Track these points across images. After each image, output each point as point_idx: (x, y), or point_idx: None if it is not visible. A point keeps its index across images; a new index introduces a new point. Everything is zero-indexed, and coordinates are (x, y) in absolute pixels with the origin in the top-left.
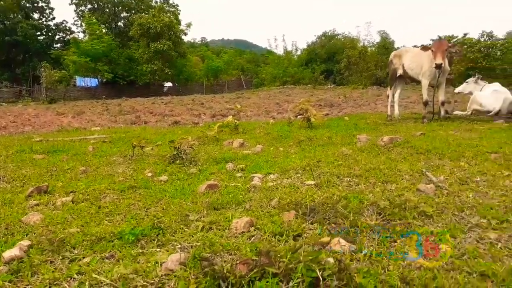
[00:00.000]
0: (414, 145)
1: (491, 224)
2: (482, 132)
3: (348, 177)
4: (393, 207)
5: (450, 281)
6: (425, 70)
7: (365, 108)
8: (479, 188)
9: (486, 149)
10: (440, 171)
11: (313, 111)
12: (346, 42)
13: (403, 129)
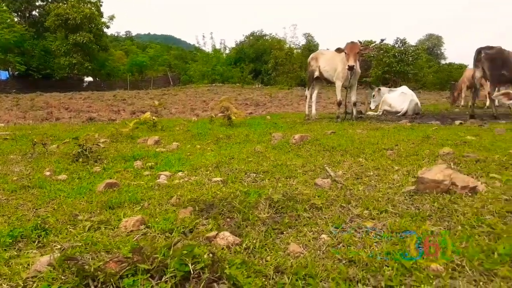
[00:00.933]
0: (322, 143)
1: (372, 215)
2: (386, 131)
3: (255, 173)
4: (286, 200)
5: (319, 268)
6: (338, 72)
7: (288, 107)
8: (371, 182)
9: (384, 146)
10: (340, 166)
11: (233, 110)
12: (273, 43)
13: (317, 128)
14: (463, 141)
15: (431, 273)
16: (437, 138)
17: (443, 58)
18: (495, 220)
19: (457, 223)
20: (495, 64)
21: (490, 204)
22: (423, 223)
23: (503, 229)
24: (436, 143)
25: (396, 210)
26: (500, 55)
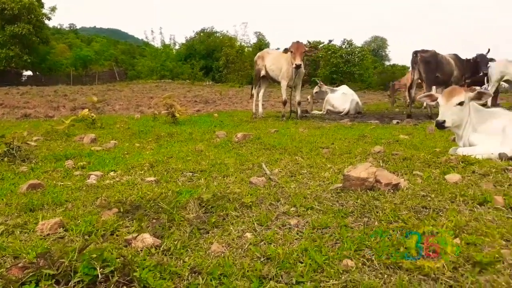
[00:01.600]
0: (263, 141)
1: (298, 212)
2: (327, 130)
3: (192, 172)
4: (217, 200)
5: (236, 267)
6: (283, 72)
7: (238, 105)
8: (303, 180)
9: (321, 144)
10: (277, 164)
11: (178, 107)
12: (225, 40)
13: (262, 126)
14: (396, 140)
15: (341, 268)
16: (372, 136)
17: (388, 59)
18: (409, 215)
19: (375, 219)
20: (430, 67)
21: (408, 200)
22: (343, 220)
23: (414, 223)
24: (370, 142)
25: (322, 207)
26: (434, 58)
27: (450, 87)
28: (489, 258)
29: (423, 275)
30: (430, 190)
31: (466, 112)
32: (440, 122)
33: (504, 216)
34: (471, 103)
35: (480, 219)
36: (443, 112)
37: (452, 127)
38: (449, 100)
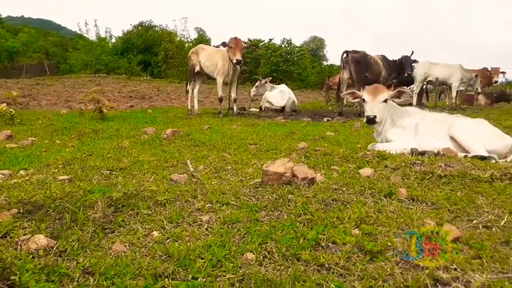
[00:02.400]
0: (193, 138)
1: (213, 208)
2: (260, 127)
3: (110, 170)
4: (128, 198)
5: (133, 266)
6: (219, 68)
7: (175, 102)
8: (226, 176)
9: (251, 141)
10: (203, 161)
11: (106, 102)
12: (164, 35)
13: (196, 123)
14: (322, 137)
15: (242, 262)
16: (301, 133)
17: (325, 59)
18: (317, 207)
19: (286, 212)
20: (360, 67)
21: (321, 193)
22: (255, 214)
23: (320, 216)
24: (297, 138)
25: (238, 202)
26: (364, 58)
27: (373, 85)
28: (379, 246)
29: (318, 265)
30: (343, 183)
31: (386, 110)
32: (371, 117)
33: (405, 207)
34: (390, 101)
35: (383, 210)
36: (371, 108)
37: (379, 122)
38: (375, 97)
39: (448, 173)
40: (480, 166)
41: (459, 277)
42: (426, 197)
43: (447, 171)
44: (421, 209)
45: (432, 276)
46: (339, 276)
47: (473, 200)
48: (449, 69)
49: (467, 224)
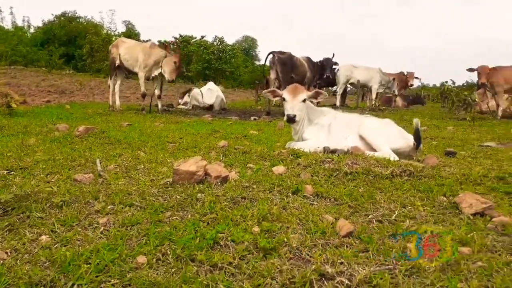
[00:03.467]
0: (109, 135)
1: (114, 209)
2: (185, 125)
3: (8, 170)
4: (20, 200)
5: (8, 275)
6: (140, 63)
7: (98, 97)
8: (138, 176)
9: (170, 139)
10: (115, 160)
11: (15, 96)
12: (89, 26)
13: (115, 120)
14: (245, 135)
15: (131, 265)
16: (224, 132)
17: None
18: (224, 206)
19: (193, 212)
20: (286, 68)
21: (231, 191)
22: (159, 215)
23: (225, 214)
24: (220, 137)
25: (143, 203)
26: (290, 59)
27: (292, 85)
28: (274, 243)
29: (212, 266)
30: (255, 181)
31: (305, 109)
32: (292, 116)
33: (309, 203)
34: (307, 102)
35: (287, 207)
36: (292, 107)
37: (297, 121)
38: (295, 97)
39: (354, 170)
40: (383, 163)
41: (344, 271)
42: (330, 194)
43: (353, 169)
44: (324, 205)
45: (319, 271)
46: (230, 276)
47: (373, 195)
48: (370, 72)
49: (364, 219)
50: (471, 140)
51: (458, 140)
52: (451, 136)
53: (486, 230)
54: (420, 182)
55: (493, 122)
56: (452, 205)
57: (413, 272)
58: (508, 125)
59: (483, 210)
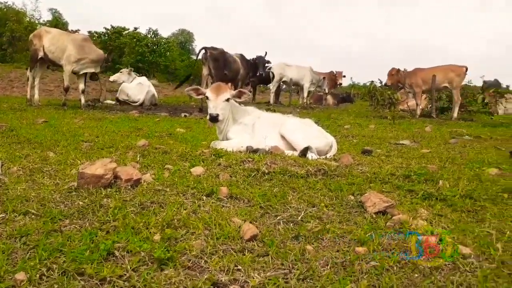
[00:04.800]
0: (18, 134)
1: (6, 218)
2: (108, 122)
3: None
4: None
5: None
6: (69, 55)
7: (17, 90)
8: (41, 179)
9: (86, 138)
10: (20, 161)
11: None
12: (10, 13)
13: (31, 116)
14: (170, 133)
15: (10, 283)
16: (149, 130)
17: (194, 53)
18: (129, 212)
19: (93, 220)
20: (219, 64)
21: (141, 195)
22: (54, 224)
23: (127, 222)
24: (143, 135)
25: (41, 210)
26: (223, 56)
27: (215, 84)
28: (171, 253)
29: (100, 280)
30: (169, 184)
31: (229, 109)
32: (214, 115)
33: (221, 206)
34: (231, 101)
35: (198, 211)
36: (215, 106)
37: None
38: (218, 96)
39: (272, 170)
40: (300, 163)
41: (239, 279)
42: (244, 195)
43: (271, 168)
44: (237, 207)
45: (212, 280)
46: None
47: (285, 195)
48: (301, 70)
49: (272, 220)
50: (388, 138)
51: (377, 138)
52: (371, 134)
53: (385, 228)
54: (332, 181)
55: (411, 121)
56: (359, 204)
57: (307, 275)
58: (424, 123)
59: (385, 209)
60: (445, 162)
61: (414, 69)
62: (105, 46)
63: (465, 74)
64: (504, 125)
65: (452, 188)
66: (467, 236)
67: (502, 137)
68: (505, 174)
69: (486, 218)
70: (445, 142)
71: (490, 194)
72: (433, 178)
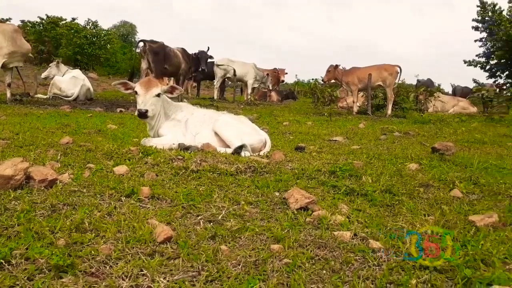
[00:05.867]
0: None
1: None
2: (35, 117)
3: None
4: None
5: None
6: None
7: None
8: None
9: (5, 135)
10: None
11: None
12: None
13: None
14: (99, 130)
15: None
16: (77, 126)
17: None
18: (35, 216)
19: None
20: (159, 58)
21: (54, 197)
22: None
23: (32, 226)
24: (70, 132)
25: None
26: (162, 49)
27: (146, 78)
28: (72, 259)
29: None
30: (87, 184)
31: (160, 104)
32: (143, 111)
33: (140, 207)
34: (163, 96)
35: (113, 213)
36: (144, 102)
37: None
38: (148, 91)
39: (201, 168)
40: (231, 160)
41: (142, 284)
42: (167, 195)
43: (200, 166)
44: (157, 207)
45: (111, 286)
46: None
47: (211, 194)
48: (245, 67)
49: (193, 220)
50: (323, 135)
51: (312, 135)
52: (307, 131)
53: (304, 224)
54: (261, 178)
55: (348, 118)
56: (282, 201)
57: (216, 277)
58: (359, 120)
59: (307, 205)
60: (371, 158)
61: (351, 68)
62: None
63: (398, 73)
64: (432, 122)
65: (374, 183)
66: (380, 230)
67: (428, 133)
68: (424, 169)
69: (401, 212)
70: (376, 138)
71: (407, 189)
72: (357, 174)
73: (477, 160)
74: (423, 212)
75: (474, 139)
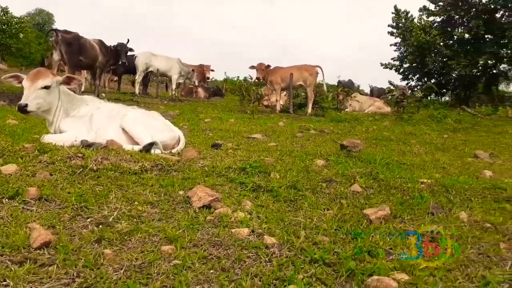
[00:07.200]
0: None
1: None
2: None
3: None
4: None
5: None
6: None
7: None
8: None
9: None
10: None
11: None
12: None
13: None
14: None
15: None
16: None
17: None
18: None
19: None
20: (73, 49)
21: None
22: None
23: None
24: None
25: None
26: (77, 40)
27: (36, 69)
28: None
29: None
30: None
31: (54, 97)
32: (22, 106)
33: (22, 209)
34: (63, 88)
35: None
36: (27, 96)
37: (38, 112)
38: (34, 83)
39: (101, 167)
40: (136, 158)
41: None
42: (58, 196)
43: (101, 165)
44: (44, 210)
45: None
46: None
47: (108, 194)
48: (169, 61)
49: (82, 223)
50: (243, 132)
51: (232, 132)
52: (228, 128)
53: (203, 223)
54: (167, 177)
55: (270, 116)
56: (186, 200)
57: (92, 283)
58: (280, 118)
59: (210, 203)
60: (283, 155)
61: (275, 67)
62: None
63: (317, 73)
64: (347, 120)
65: (281, 180)
66: (278, 225)
67: (342, 131)
68: (330, 165)
69: (303, 207)
70: (293, 136)
71: (311, 184)
72: (266, 170)
73: (380, 156)
74: (323, 206)
75: (382, 137)
